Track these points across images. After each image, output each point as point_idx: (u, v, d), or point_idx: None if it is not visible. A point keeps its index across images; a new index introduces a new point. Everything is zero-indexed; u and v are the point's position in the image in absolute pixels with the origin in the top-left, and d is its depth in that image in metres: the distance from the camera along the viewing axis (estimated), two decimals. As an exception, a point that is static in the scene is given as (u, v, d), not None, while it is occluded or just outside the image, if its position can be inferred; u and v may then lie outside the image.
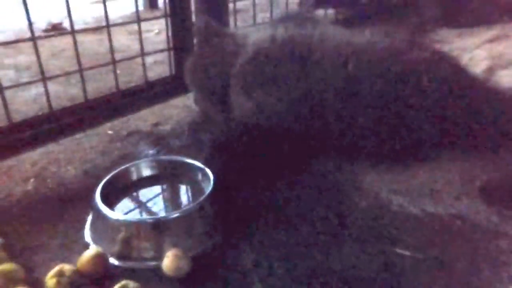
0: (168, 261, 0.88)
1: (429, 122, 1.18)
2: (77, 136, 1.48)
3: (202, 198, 1.00)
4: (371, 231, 1.02)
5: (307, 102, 1.22)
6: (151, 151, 1.39)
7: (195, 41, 1.61)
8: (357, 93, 1.17)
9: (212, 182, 1.05)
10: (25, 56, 2.35)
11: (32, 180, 1.24)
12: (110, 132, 1.53)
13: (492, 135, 1.25)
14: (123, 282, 0.82)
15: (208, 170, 1.09)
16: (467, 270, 0.91)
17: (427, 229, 1.03)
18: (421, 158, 1.26)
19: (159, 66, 2.08)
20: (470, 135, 1.24)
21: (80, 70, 1.32)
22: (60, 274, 0.85)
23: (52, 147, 1.41)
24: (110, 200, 1.03)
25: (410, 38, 1.30)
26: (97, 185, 1.05)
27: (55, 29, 2.94)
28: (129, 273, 0.90)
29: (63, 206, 1.13)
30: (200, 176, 1.12)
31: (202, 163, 1.13)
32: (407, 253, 0.96)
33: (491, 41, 2.04)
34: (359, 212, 1.08)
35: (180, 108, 1.71)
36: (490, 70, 1.76)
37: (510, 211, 1.08)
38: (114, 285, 0.83)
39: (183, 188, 1.15)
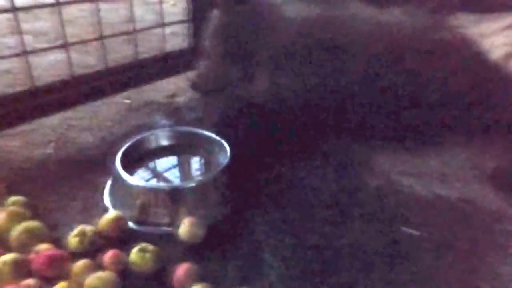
0: (185, 228, 0.92)
1: (446, 105, 1.19)
2: (95, 103, 1.50)
3: (217, 169, 1.03)
4: (380, 209, 1.05)
5: (328, 84, 1.22)
6: (167, 122, 1.42)
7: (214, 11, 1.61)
8: (382, 73, 1.17)
9: (228, 154, 1.08)
10: (43, 22, 2.35)
11: (52, 144, 1.28)
12: (127, 101, 1.56)
13: (506, 121, 1.26)
14: (143, 244, 0.86)
15: (224, 143, 1.12)
16: (471, 251, 0.94)
17: (435, 211, 1.05)
18: (433, 142, 1.28)
19: (175, 38, 2.08)
20: (484, 120, 1.25)
21: (101, 38, 1.33)
22: (82, 234, 0.89)
23: (70, 113, 1.44)
24: (129, 166, 1.06)
25: (433, 20, 1.30)
26: (116, 151, 1.08)
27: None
28: (146, 237, 0.94)
29: (82, 170, 1.17)
30: (216, 148, 1.15)
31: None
32: (414, 232, 0.99)
33: (510, 27, 2.01)
34: (369, 191, 1.11)
35: (196, 81, 1.72)
36: (508, 57, 1.74)
37: (517, 197, 1.10)
38: (132, 248, 0.87)
39: (199, 159, 1.18)
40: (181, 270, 0.82)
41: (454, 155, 1.25)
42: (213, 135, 1.17)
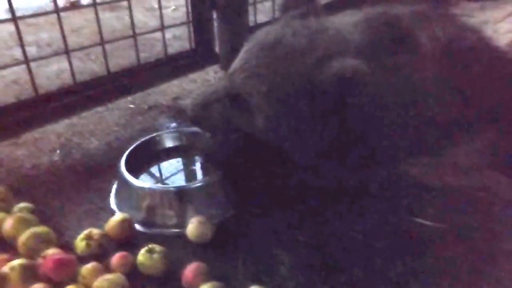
0: (193, 227, 0.91)
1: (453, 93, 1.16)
2: (99, 109, 1.50)
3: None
4: (390, 200, 1.03)
5: None
6: (172, 124, 1.41)
7: (214, 15, 1.60)
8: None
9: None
10: (46, 33, 2.37)
11: (58, 151, 1.28)
12: (131, 106, 1.55)
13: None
14: (150, 245, 0.85)
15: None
16: (484, 241, 0.92)
17: (447, 200, 1.03)
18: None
19: (177, 41, 2.08)
20: (494, 108, 1.22)
21: (102, 43, 1.33)
22: (89, 237, 0.88)
23: (75, 120, 1.44)
24: (135, 169, 1.06)
25: (435, 9, 1.27)
26: (121, 155, 1.08)
27: (73, 7, 2.95)
28: (154, 239, 0.93)
29: (88, 175, 1.16)
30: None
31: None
32: (425, 222, 0.97)
33: (514, 14, 1.99)
34: (379, 181, 1.09)
35: (199, 83, 1.72)
36: (513, 44, 1.72)
37: (531, 184, 1.07)
38: (140, 249, 0.86)
39: (205, 159, 1.17)
40: (190, 270, 0.81)
41: (465, 144, 1.22)
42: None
